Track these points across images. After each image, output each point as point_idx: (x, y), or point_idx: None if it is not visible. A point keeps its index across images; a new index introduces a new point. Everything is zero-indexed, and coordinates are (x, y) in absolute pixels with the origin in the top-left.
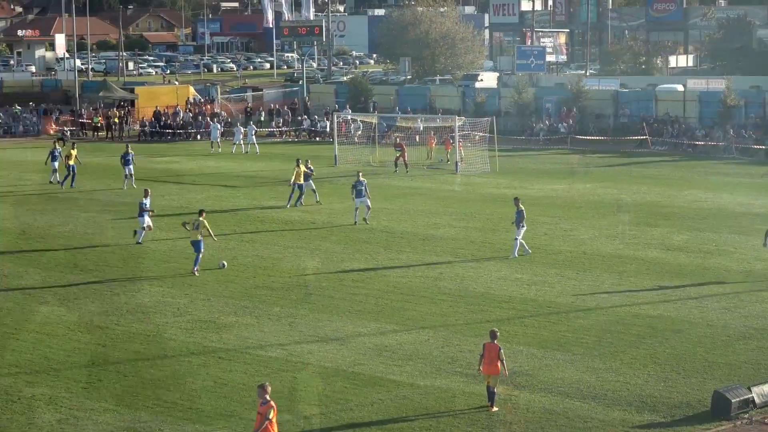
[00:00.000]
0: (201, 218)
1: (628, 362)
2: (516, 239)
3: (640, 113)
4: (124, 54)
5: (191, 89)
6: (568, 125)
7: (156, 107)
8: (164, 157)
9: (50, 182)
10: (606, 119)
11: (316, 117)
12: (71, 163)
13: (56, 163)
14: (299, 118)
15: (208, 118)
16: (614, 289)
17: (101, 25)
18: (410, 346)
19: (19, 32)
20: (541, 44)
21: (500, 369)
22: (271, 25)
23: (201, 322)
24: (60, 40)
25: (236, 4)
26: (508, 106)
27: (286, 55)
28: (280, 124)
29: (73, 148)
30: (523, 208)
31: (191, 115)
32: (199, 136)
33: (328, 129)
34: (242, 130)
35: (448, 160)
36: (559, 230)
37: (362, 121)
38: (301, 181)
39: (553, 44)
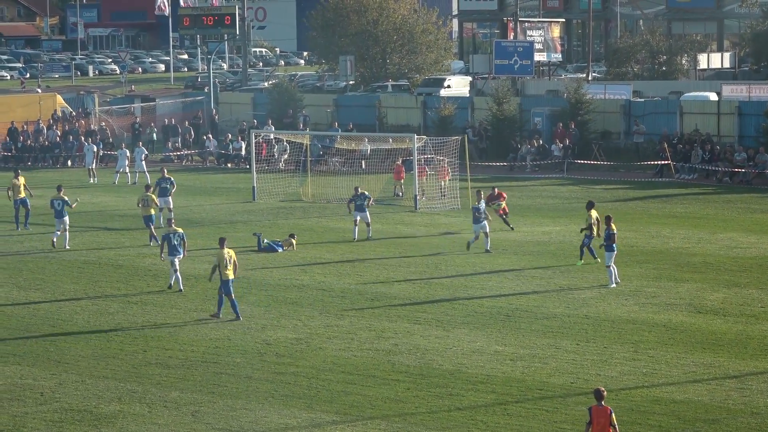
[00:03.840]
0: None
1: None
2: (609, 266)
3: (660, 130)
4: None
5: (59, 98)
6: (564, 146)
7: (11, 123)
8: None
9: None
10: (614, 138)
11: (229, 136)
12: (22, 196)
13: None
14: (204, 137)
15: (82, 138)
16: (627, 365)
17: None
18: None
19: None
20: (528, 38)
21: None
22: (166, 14)
23: (73, 412)
24: None
25: None
26: (485, 121)
27: (187, 53)
28: (179, 146)
29: (16, 178)
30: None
31: (59, 133)
32: (70, 162)
33: (243, 152)
34: (128, 153)
35: (401, 194)
36: (553, 286)
37: (289, 142)
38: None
39: (544, 39)
